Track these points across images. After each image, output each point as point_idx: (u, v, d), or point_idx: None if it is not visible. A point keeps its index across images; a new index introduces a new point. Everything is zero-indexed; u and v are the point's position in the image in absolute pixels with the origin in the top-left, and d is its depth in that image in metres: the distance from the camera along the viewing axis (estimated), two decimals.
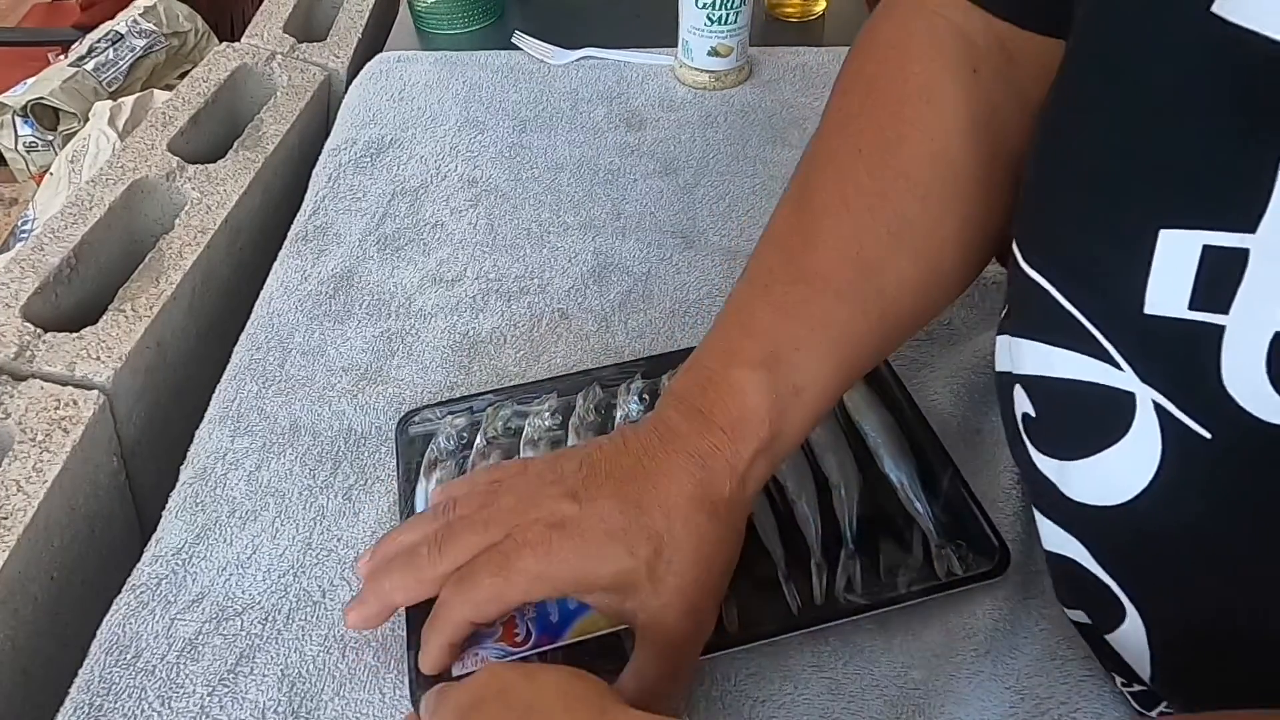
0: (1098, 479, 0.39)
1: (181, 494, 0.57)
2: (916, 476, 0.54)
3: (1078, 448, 0.40)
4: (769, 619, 0.48)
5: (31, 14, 1.98)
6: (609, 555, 0.41)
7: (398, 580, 0.44)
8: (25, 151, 1.58)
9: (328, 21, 1.06)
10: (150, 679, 0.48)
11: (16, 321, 0.65)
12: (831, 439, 0.56)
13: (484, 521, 0.43)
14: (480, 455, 0.55)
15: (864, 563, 0.50)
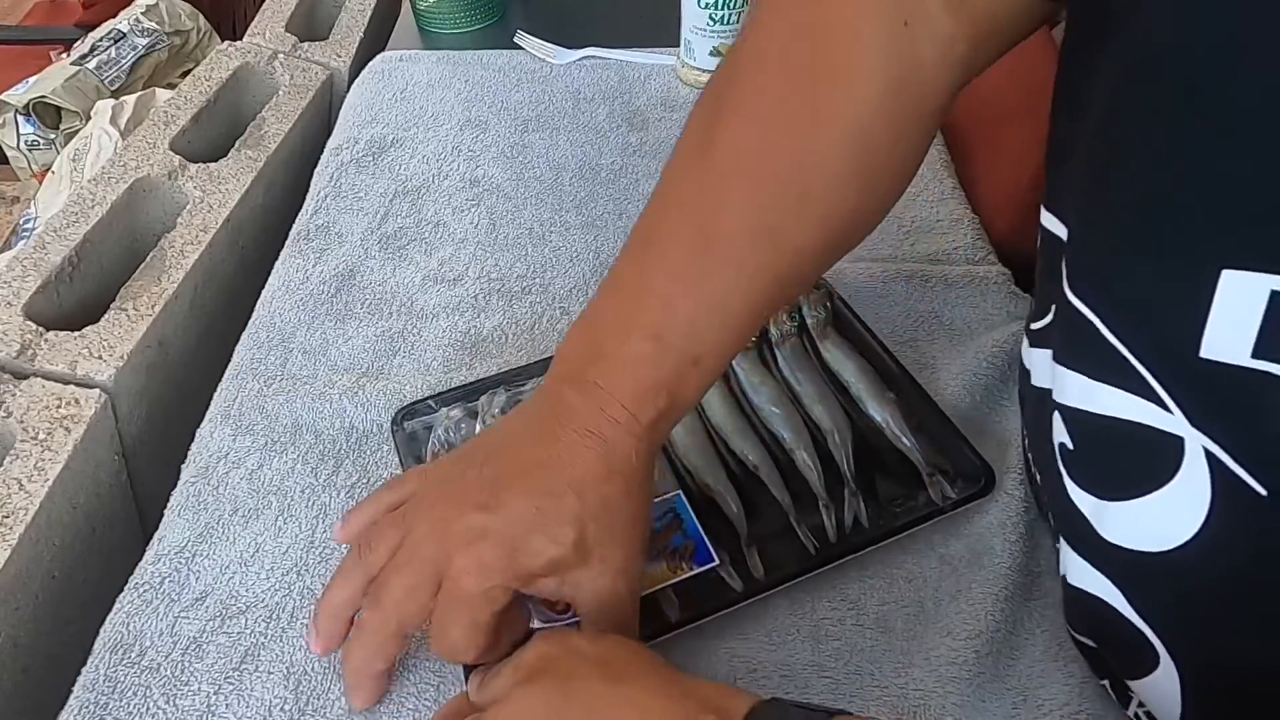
0: (1139, 523, 0.37)
1: (183, 493, 0.57)
2: (900, 414, 0.57)
3: (1118, 488, 0.38)
4: (790, 562, 0.51)
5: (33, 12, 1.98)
6: (536, 549, 0.41)
7: (366, 654, 0.44)
8: (27, 150, 1.58)
9: (330, 21, 1.06)
10: (155, 677, 0.48)
11: (18, 320, 0.65)
12: (817, 390, 0.59)
13: (408, 564, 0.43)
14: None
15: (866, 498, 0.54)
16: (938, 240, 0.75)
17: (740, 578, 0.50)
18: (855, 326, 0.63)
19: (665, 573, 0.48)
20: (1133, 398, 0.36)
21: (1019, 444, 0.57)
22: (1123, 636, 0.40)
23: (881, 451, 0.56)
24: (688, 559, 0.49)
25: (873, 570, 0.52)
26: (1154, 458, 0.35)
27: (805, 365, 0.61)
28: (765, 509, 0.53)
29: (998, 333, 0.64)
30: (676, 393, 0.43)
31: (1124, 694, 0.44)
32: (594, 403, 0.43)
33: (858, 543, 0.52)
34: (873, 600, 0.51)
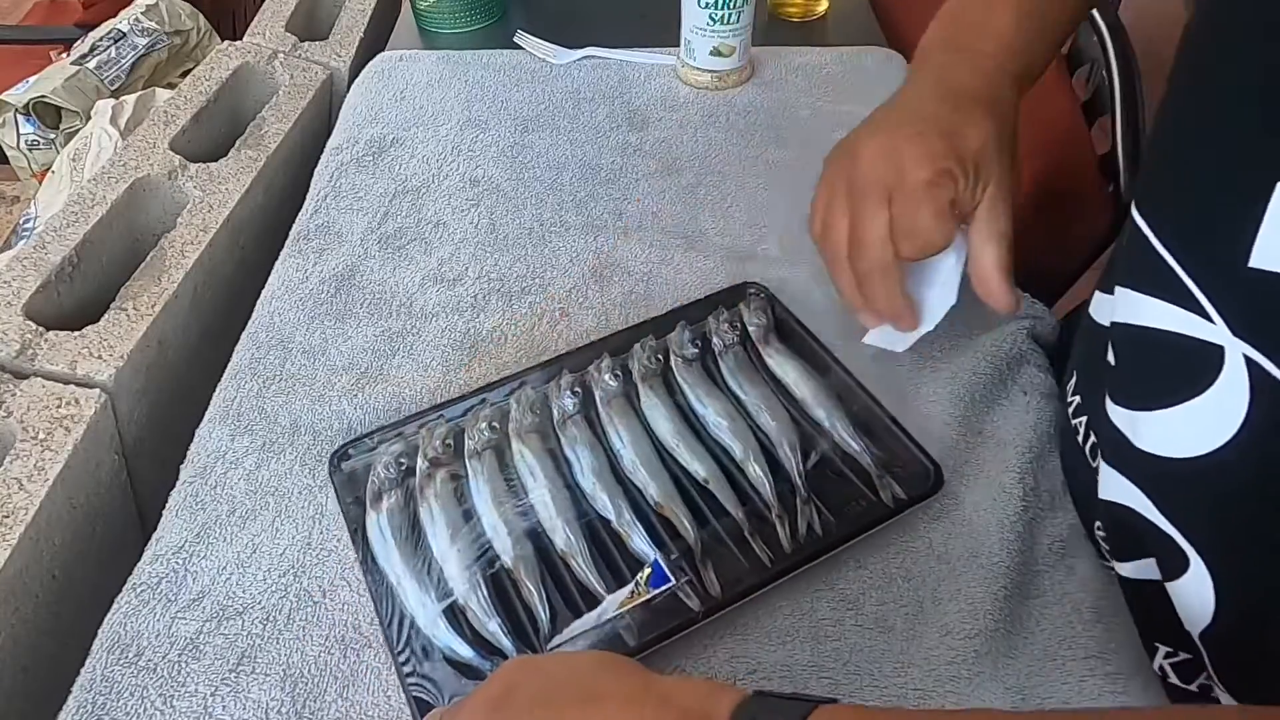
0: (1173, 431, 0.39)
1: (182, 493, 0.57)
2: (845, 417, 0.58)
3: (1154, 397, 0.40)
4: (746, 575, 0.50)
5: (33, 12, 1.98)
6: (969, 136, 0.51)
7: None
8: (27, 150, 1.58)
9: (330, 20, 1.06)
10: (152, 677, 0.48)
11: (18, 320, 0.65)
12: (763, 399, 0.59)
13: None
14: (425, 478, 0.55)
15: (818, 505, 0.54)
16: None
17: (697, 596, 0.49)
18: (797, 331, 0.64)
19: (624, 599, 0.48)
20: (1175, 308, 0.38)
21: (1019, 444, 0.57)
22: (1152, 543, 0.42)
23: (830, 456, 0.56)
24: (643, 582, 0.49)
25: (871, 570, 0.52)
26: (1193, 366, 0.38)
27: (749, 374, 0.61)
28: (719, 522, 0.53)
29: (996, 333, 0.64)
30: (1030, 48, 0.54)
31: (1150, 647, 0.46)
32: (967, 59, 0.54)
33: (811, 552, 0.51)
34: (871, 600, 0.51)
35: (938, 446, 0.57)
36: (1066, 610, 0.50)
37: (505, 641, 0.48)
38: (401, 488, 0.55)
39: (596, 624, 0.48)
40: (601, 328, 0.67)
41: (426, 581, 0.50)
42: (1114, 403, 0.44)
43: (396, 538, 0.52)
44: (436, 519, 0.53)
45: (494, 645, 0.48)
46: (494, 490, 0.54)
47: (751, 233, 0.75)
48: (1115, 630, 0.49)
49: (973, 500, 0.55)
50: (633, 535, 0.52)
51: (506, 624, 0.48)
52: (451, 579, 0.50)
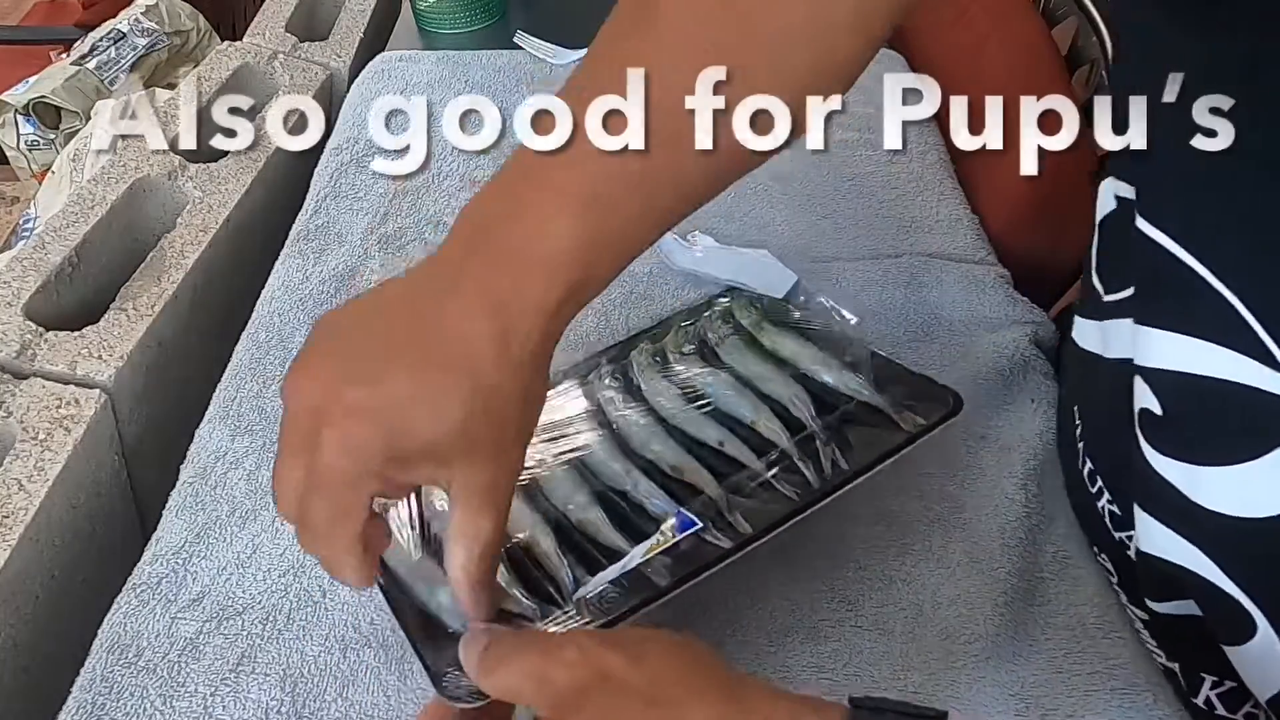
0: (1241, 489, 0.36)
1: (182, 493, 0.57)
2: (854, 373, 0.56)
3: (1217, 453, 0.37)
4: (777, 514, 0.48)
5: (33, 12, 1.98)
6: (414, 428, 0.35)
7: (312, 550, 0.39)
8: (27, 150, 1.58)
9: (329, 21, 1.06)
10: (152, 678, 0.48)
11: (18, 320, 0.65)
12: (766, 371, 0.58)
13: (287, 437, 0.39)
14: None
15: (839, 443, 0.52)
16: (937, 239, 0.75)
17: (727, 537, 0.47)
18: (791, 315, 0.63)
19: (651, 547, 0.47)
20: (1241, 358, 0.35)
21: (1022, 450, 0.57)
22: (1215, 605, 0.39)
23: (845, 407, 0.55)
24: (669, 531, 0.47)
25: (871, 572, 0.52)
26: (1261, 421, 0.34)
27: (749, 353, 0.60)
28: (741, 482, 0.51)
29: (997, 336, 0.64)
30: (590, 270, 0.38)
31: (1195, 677, 0.44)
32: (500, 270, 0.37)
33: (843, 480, 0.49)
34: (871, 602, 0.51)
35: (937, 450, 0.57)
36: (1071, 621, 0.50)
37: (526, 604, 0.45)
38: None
39: (622, 571, 0.46)
40: (602, 328, 0.67)
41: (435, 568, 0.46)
42: (1162, 454, 0.40)
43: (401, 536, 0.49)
44: (442, 507, 0.49)
45: (515, 613, 0.45)
46: None
47: (751, 233, 0.75)
48: (1122, 643, 0.49)
49: (974, 505, 0.55)
50: (652, 498, 0.50)
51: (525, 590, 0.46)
52: None
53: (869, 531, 0.54)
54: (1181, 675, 0.46)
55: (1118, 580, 0.50)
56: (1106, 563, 0.51)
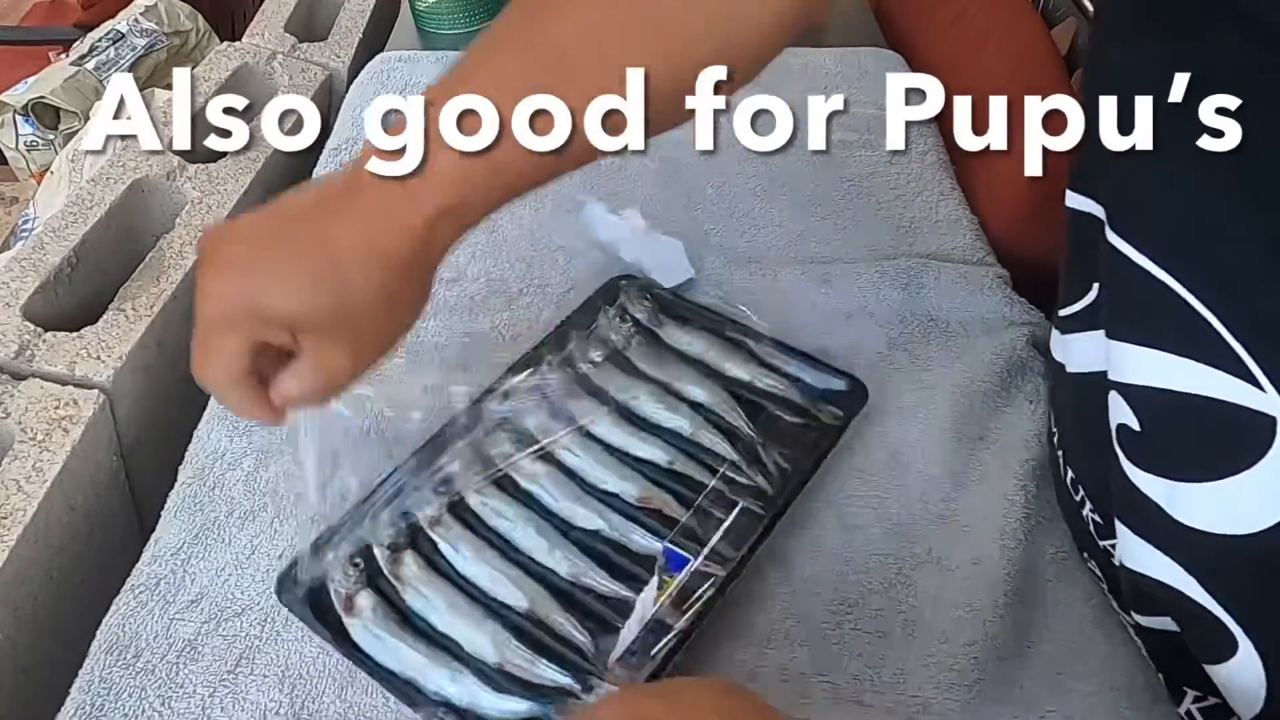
0: (1220, 505, 0.36)
1: (180, 494, 0.57)
2: (764, 366, 0.61)
3: (1195, 469, 0.37)
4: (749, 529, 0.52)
5: (32, 13, 1.98)
6: (275, 299, 0.38)
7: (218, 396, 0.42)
8: (26, 150, 1.57)
9: (329, 21, 1.06)
10: (150, 679, 0.48)
11: (17, 320, 0.65)
12: (683, 374, 0.61)
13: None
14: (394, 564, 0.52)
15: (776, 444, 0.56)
16: (936, 240, 0.74)
17: (716, 564, 0.50)
18: (684, 305, 0.67)
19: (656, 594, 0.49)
20: (1219, 374, 0.35)
21: (1022, 452, 0.57)
22: (1196, 622, 0.39)
23: (770, 409, 0.59)
24: (664, 570, 0.50)
25: (871, 574, 0.52)
26: (1240, 438, 0.34)
27: (660, 357, 0.63)
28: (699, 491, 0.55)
29: (995, 337, 0.64)
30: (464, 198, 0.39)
31: (1178, 690, 0.44)
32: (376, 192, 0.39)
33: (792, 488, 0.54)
34: (871, 605, 0.51)
35: (937, 451, 0.57)
36: (1071, 622, 0.50)
37: (562, 679, 0.47)
38: (370, 587, 0.51)
39: (641, 628, 0.47)
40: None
41: (447, 659, 0.47)
42: (1141, 469, 0.40)
43: (392, 632, 0.48)
44: (430, 596, 0.50)
45: (551, 687, 0.47)
46: (474, 548, 0.52)
47: (751, 233, 0.75)
48: (1121, 644, 0.49)
49: (973, 507, 0.55)
50: (630, 536, 0.52)
51: (553, 663, 0.47)
52: (474, 645, 0.48)
53: (868, 535, 0.54)
54: (1166, 686, 0.46)
55: (1107, 587, 0.50)
56: (1095, 569, 0.51)
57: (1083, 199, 0.45)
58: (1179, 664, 0.44)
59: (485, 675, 0.47)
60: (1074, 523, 0.52)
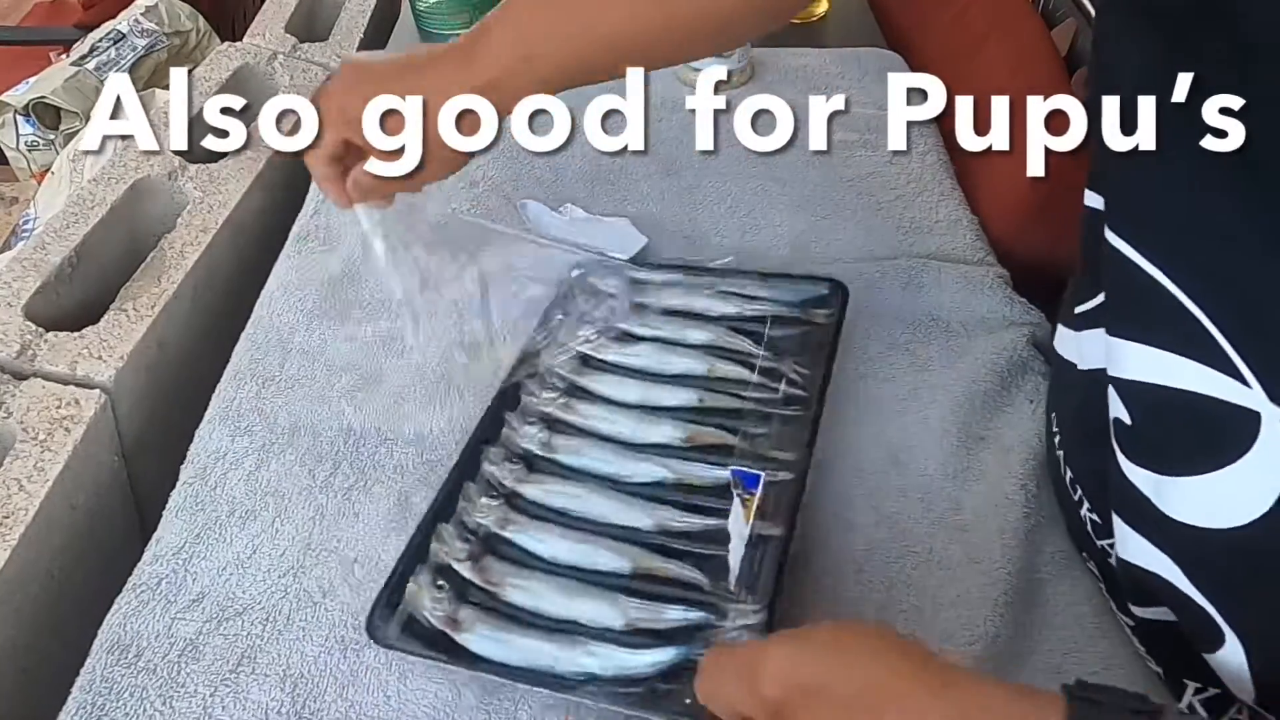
0: (1204, 499, 0.37)
1: (181, 493, 0.57)
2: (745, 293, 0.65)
3: (1181, 463, 0.38)
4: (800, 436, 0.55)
5: (33, 13, 1.98)
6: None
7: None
8: (27, 150, 1.58)
9: (329, 21, 1.06)
10: (152, 678, 0.48)
11: (18, 320, 0.65)
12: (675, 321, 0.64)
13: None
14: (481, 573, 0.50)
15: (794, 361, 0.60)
16: (936, 240, 0.75)
17: (784, 469, 0.53)
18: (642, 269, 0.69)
19: (744, 514, 0.50)
20: (1206, 370, 0.35)
21: (1021, 451, 0.57)
22: (1185, 613, 0.40)
23: (758, 326, 0.63)
24: (742, 491, 0.51)
25: (870, 574, 0.52)
26: (1225, 433, 0.35)
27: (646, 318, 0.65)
28: (741, 420, 0.57)
29: (995, 338, 0.64)
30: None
31: (1178, 683, 0.44)
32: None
33: (820, 384, 0.58)
34: (871, 604, 0.51)
35: (936, 451, 0.57)
36: (1070, 621, 0.50)
37: (693, 616, 0.47)
38: (464, 602, 0.49)
39: (745, 544, 0.48)
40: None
41: (575, 639, 0.47)
42: (1134, 463, 0.41)
43: (510, 632, 0.48)
44: (532, 589, 0.50)
45: (685, 627, 0.47)
46: (553, 533, 0.52)
47: (752, 233, 0.75)
48: (1121, 644, 0.49)
49: (973, 506, 0.55)
50: (695, 473, 0.54)
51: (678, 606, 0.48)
52: (595, 617, 0.48)
53: (869, 535, 0.54)
54: (1165, 680, 0.46)
55: (1105, 586, 0.50)
56: (1094, 569, 0.51)
57: (1095, 196, 0.46)
58: (1177, 656, 0.44)
59: (618, 640, 0.47)
60: (1073, 522, 0.53)
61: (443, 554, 0.52)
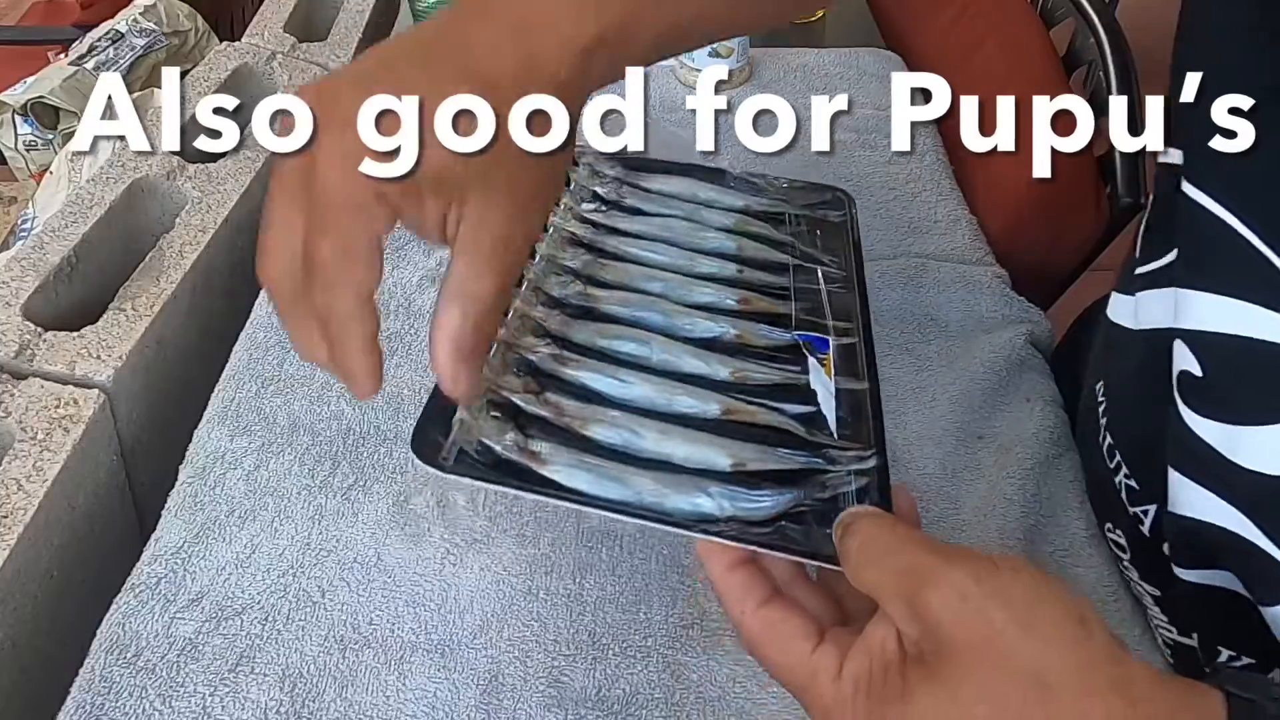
0: (1278, 447, 0.37)
1: (181, 493, 0.57)
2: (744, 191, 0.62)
3: (1257, 413, 0.38)
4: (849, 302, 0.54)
5: (31, 12, 1.97)
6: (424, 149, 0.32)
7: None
8: (25, 150, 1.57)
9: (328, 21, 1.06)
10: (151, 678, 0.48)
11: (17, 320, 0.65)
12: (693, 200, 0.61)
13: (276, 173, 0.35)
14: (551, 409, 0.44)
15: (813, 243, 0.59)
16: (935, 240, 0.75)
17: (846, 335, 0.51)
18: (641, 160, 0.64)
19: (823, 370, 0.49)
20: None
21: (1021, 451, 0.57)
22: (1248, 566, 0.40)
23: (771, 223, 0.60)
24: (814, 352, 0.50)
25: None
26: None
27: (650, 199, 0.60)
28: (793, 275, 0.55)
29: (994, 336, 0.65)
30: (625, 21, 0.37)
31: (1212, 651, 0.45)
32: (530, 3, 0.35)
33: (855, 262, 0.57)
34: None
35: (935, 450, 0.57)
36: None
37: (801, 459, 0.43)
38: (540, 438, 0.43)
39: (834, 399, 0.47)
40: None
41: (685, 477, 0.42)
42: (1200, 415, 0.41)
43: (606, 467, 0.42)
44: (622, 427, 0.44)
45: (796, 470, 0.43)
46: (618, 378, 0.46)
47: None
48: (1127, 641, 0.49)
49: (972, 505, 0.55)
50: (757, 332, 0.51)
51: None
52: (699, 459, 0.43)
53: None
54: (1200, 648, 0.46)
55: (1129, 557, 0.50)
56: (1120, 538, 0.51)
57: (1172, 151, 0.46)
58: (1217, 623, 0.44)
59: (730, 480, 0.42)
60: (1103, 491, 0.53)
61: (493, 383, 0.44)
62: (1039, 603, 0.31)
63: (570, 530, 0.54)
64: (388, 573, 0.52)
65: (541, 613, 0.51)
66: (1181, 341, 0.42)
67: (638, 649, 0.49)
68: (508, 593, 0.52)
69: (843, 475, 0.43)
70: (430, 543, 0.54)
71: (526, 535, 0.54)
